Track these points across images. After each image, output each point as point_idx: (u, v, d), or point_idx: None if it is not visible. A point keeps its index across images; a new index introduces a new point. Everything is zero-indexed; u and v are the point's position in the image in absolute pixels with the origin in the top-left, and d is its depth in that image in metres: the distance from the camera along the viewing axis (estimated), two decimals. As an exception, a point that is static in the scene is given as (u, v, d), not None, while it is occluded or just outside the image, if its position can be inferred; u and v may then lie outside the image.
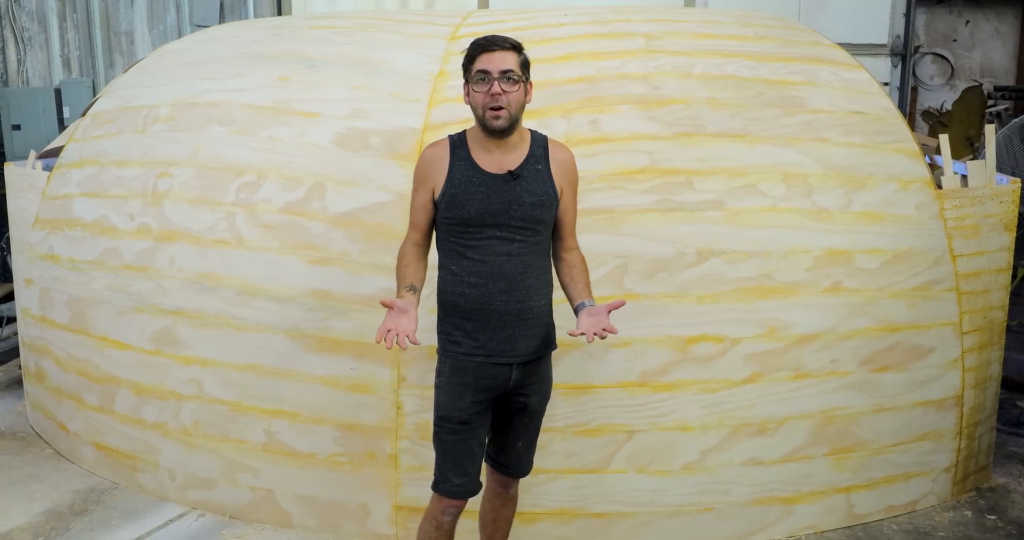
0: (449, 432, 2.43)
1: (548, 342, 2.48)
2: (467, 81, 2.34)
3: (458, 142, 2.41)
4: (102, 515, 3.33)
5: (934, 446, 3.32)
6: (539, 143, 2.44)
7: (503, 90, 2.27)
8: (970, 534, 3.20)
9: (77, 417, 3.68)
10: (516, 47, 2.33)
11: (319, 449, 3.12)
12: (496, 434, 2.55)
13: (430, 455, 2.58)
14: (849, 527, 3.23)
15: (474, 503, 2.60)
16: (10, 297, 5.51)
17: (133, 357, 3.40)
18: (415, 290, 2.35)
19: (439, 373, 2.46)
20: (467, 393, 2.40)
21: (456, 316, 2.40)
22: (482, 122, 2.32)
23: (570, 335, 2.28)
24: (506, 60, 2.29)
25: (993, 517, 3.33)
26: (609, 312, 2.28)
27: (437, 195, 2.38)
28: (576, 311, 2.37)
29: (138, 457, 3.47)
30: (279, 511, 3.22)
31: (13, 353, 5.12)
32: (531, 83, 2.38)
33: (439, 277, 2.45)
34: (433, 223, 2.44)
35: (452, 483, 2.44)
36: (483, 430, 2.47)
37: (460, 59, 2.36)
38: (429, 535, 2.50)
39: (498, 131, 2.32)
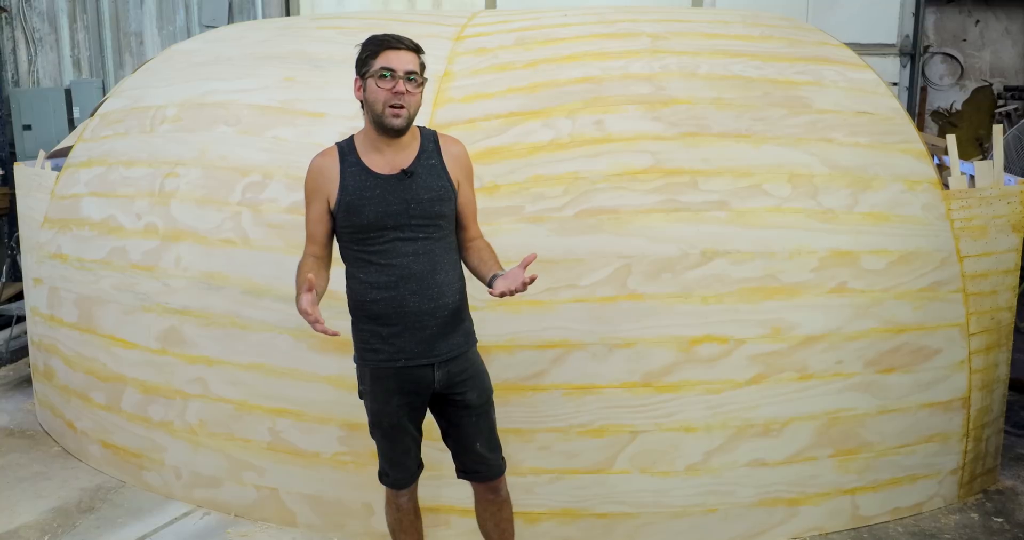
0: (383, 436, 2.47)
1: (467, 337, 2.46)
2: (364, 76, 2.28)
3: (346, 149, 2.37)
4: (109, 513, 3.36)
5: (940, 448, 3.30)
6: (429, 138, 2.41)
7: (407, 90, 2.25)
8: (976, 537, 3.18)
9: (84, 415, 3.70)
10: (418, 49, 2.31)
11: (323, 448, 3.13)
12: (453, 442, 2.53)
13: (433, 455, 2.59)
14: (854, 529, 3.22)
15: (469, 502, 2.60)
16: (20, 296, 5.54)
17: (139, 356, 3.42)
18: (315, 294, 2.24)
19: (360, 381, 2.47)
20: (392, 398, 2.40)
21: (371, 323, 2.38)
22: (379, 119, 2.27)
23: (491, 295, 2.19)
24: (410, 61, 2.27)
25: (1000, 520, 3.31)
26: (524, 267, 2.18)
27: (333, 205, 2.35)
28: (490, 284, 2.27)
29: (144, 455, 3.49)
30: (284, 510, 3.23)
31: (23, 351, 5.16)
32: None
33: (348, 287, 2.42)
34: (332, 234, 2.41)
35: (392, 477, 2.53)
36: (416, 426, 2.48)
37: (466, 59, 2.32)
38: (393, 516, 2.62)
39: (394, 130, 2.28)
